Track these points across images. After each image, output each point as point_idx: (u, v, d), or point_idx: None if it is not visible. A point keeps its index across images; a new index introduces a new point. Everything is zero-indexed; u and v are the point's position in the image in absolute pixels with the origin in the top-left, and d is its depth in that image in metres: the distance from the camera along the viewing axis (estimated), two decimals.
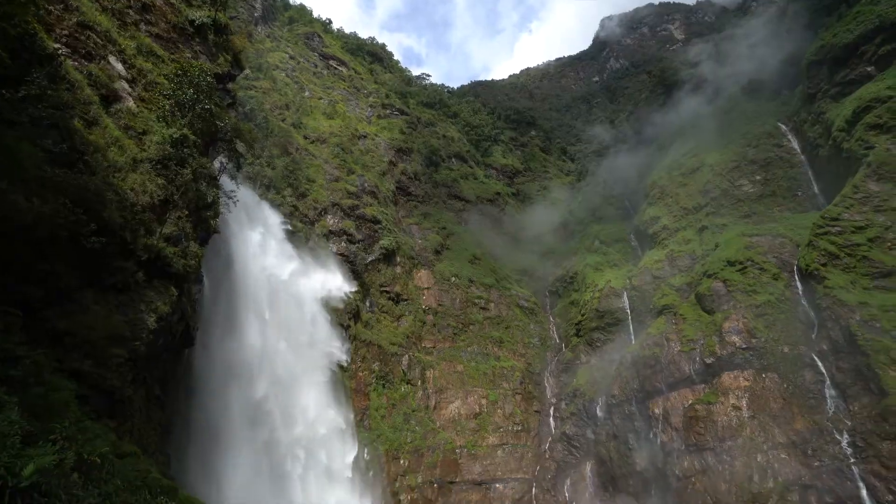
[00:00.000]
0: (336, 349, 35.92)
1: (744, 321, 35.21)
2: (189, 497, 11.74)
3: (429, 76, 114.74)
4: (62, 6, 14.96)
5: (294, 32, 78.26)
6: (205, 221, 20.05)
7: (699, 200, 50.09)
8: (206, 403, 21.86)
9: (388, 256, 50.11)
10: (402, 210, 62.66)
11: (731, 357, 34.09)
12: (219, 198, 21.25)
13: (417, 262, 54.08)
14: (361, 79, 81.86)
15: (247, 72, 46.99)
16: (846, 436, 28.24)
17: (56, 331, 12.24)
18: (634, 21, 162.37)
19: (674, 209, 52.21)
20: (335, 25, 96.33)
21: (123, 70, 16.89)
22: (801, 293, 35.48)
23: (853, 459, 27.26)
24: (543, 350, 53.66)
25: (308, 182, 46.44)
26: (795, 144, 47.11)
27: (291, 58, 69.99)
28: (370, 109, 75.01)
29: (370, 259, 47.81)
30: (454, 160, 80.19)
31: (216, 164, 22.19)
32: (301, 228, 40.70)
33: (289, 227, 37.12)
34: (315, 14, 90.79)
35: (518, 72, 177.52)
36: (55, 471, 6.82)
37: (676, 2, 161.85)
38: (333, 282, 39.82)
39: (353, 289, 41.94)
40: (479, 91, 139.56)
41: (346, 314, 40.10)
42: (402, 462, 37.60)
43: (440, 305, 51.55)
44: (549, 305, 60.90)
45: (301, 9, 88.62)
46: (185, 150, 17.54)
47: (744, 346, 34.07)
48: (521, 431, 44.28)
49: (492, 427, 43.57)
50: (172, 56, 19.46)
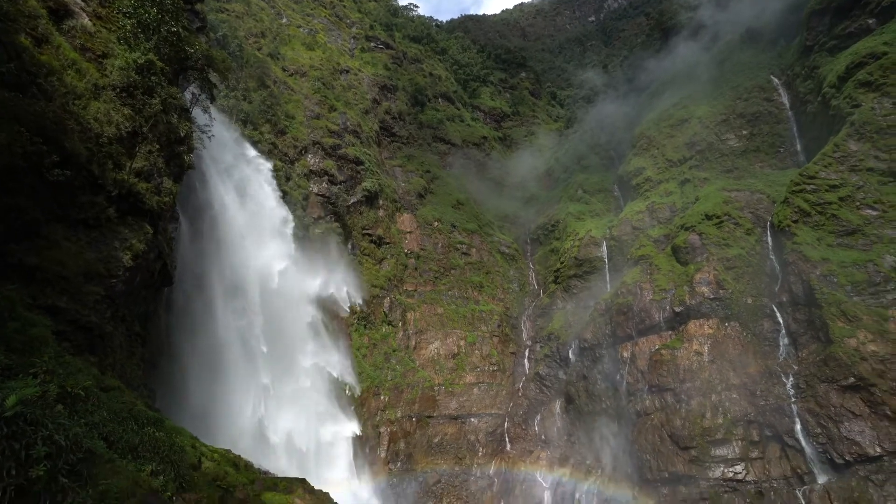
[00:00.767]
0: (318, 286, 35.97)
1: (714, 273, 36.64)
2: (176, 427, 12.13)
3: (416, 7, 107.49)
4: None
5: None
6: (178, 157, 19.14)
7: (684, 153, 50.10)
8: (189, 340, 22.06)
9: (371, 199, 49.39)
10: (386, 151, 60.99)
11: (699, 306, 35.81)
12: (192, 132, 20.16)
13: (400, 206, 53.56)
14: (344, 6, 76.11)
15: None
16: (791, 379, 30.63)
17: (25, 266, 11.90)
18: None
19: (659, 161, 52.21)
20: None
21: None
22: (771, 248, 36.83)
23: (793, 399, 29.78)
24: (522, 295, 55.24)
25: (287, 119, 44.33)
26: (785, 99, 46.72)
27: None
28: (353, 41, 70.47)
29: (352, 201, 47.08)
30: (441, 100, 77.28)
31: (187, 96, 20.80)
32: (281, 167, 39.38)
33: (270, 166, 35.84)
34: None
35: (512, 7, 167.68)
36: (39, 402, 6.90)
37: None
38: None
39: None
40: (470, 26, 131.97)
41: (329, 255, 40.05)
42: (383, 398, 39.47)
43: (422, 250, 51.85)
44: (530, 252, 61.90)
45: None
46: (153, 78, 16.32)
47: (711, 297, 35.71)
48: (497, 371, 46.56)
49: (469, 367, 45.62)
50: None
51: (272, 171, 35.43)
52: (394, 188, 54.43)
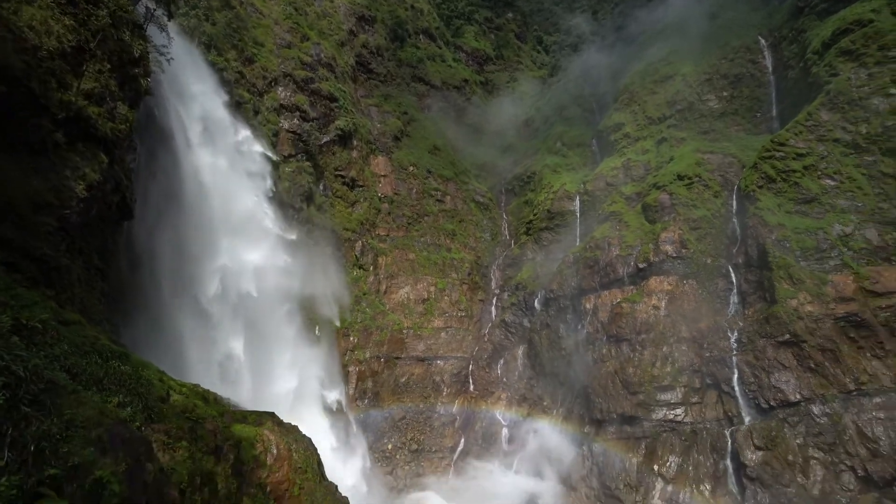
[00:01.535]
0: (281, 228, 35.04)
1: (679, 233, 38.01)
2: (143, 361, 12.08)
3: None
4: None
5: None
6: (133, 80, 17.58)
7: (665, 111, 49.98)
8: (151, 275, 21.47)
9: (345, 139, 47.49)
10: (362, 89, 57.94)
11: (662, 264, 37.40)
12: (147, 52, 18.42)
13: (375, 148, 51.88)
14: None
15: None
16: (735, 334, 33.09)
17: None
18: None
19: (639, 117, 52.02)
20: None
21: None
22: (735, 211, 38.26)
23: (735, 352, 32.37)
24: (493, 245, 55.99)
25: (256, 45, 40.97)
26: (769, 62, 46.59)
27: None
28: None
29: (325, 140, 45.13)
30: (422, 37, 72.95)
31: (140, 10, 18.77)
32: (249, 99, 36.95)
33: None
34: None
35: None
36: None
37: None
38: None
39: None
40: None
41: (299, 195, 38.90)
42: (352, 339, 40.32)
43: (396, 194, 51.07)
44: (504, 202, 62.06)
45: None
46: None
47: (674, 255, 37.27)
48: (465, 317, 48.04)
49: (438, 312, 46.81)
50: None
51: (239, 103, 33.23)
52: (369, 129, 52.36)
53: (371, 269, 45.12)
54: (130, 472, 7.01)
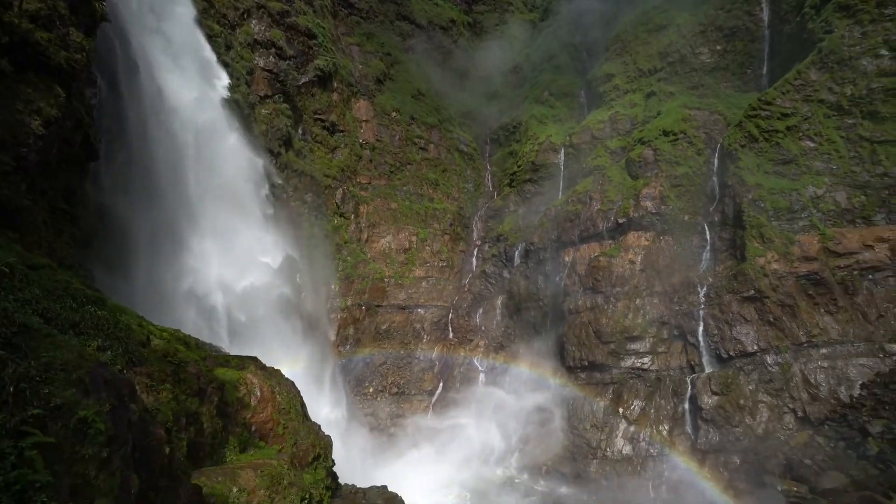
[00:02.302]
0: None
1: (660, 189, 38.42)
2: (120, 306, 11.91)
3: None
4: None
5: None
6: (86, 3, 15.98)
7: (656, 63, 48.77)
8: (121, 220, 20.69)
9: (324, 80, 45.06)
10: (343, 26, 54.34)
11: (641, 219, 38.05)
12: None
13: (357, 91, 49.58)
14: None
15: None
16: (704, 289, 34.59)
17: None
18: None
19: (630, 69, 50.71)
20: None
21: None
22: (716, 169, 38.67)
23: (703, 306, 34.00)
24: (476, 196, 55.70)
25: None
26: (766, 15, 45.28)
27: None
28: None
29: (303, 80, 42.72)
30: None
31: None
32: (219, 32, 34.23)
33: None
34: None
35: None
36: None
37: None
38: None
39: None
40: None
41: (277, 140, 37.33)
42: (334, 287, 40.50)
43: (378, 141, 49.56)
44: (489, 153, 61.10)
45: None
46: None
47: (653, 212, 37.88)
48: (446, 267, 48.59)
49: (419, 262, 47.16)
50: None
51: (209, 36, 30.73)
52: (350, 70, 49.71)
53: (352, 218, 44.57)
54: (115, 412, 7.07)
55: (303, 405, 16.40)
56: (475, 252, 51.31)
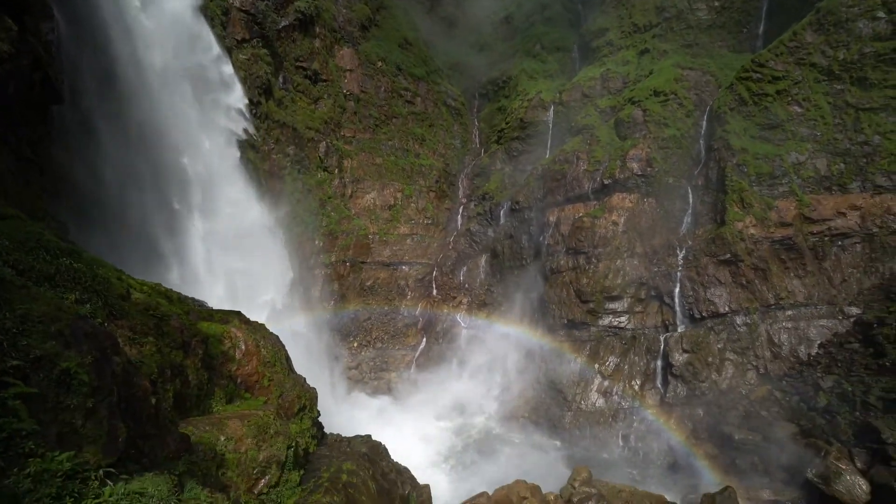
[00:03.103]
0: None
1: (647, 151, 38.33)
2: (97, 259, 11.61)
3: None
4: None
5: None
6: None
7: (652, 18, 47.18)
8: (94, 168, 19.76)
9: (306, 24, 42.46)
10: None
11: (626, 181, 38.16)
12: None
13: (340, 38, 47.01)
14: None
15: None
16: (683, 251, 35.46)
17: None
18: None
19: (625, 23, 49.03)
20: None
21: None
22: (703, 132, 38.60)
23: (680, 267, 34.98)
24: (463, 152, 54.79)
25: None
26: None
27: None
28: None
29: (283, 24, 40.16)
30: None
31: None
32: None
33: None
34: None
35: None
36: None
37: None
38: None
39: None
40: None
41: (256, 88, 35.54)
42: (317, 243, 40.14)
43: (363, 92, 47.67)
44: (477, 108, 59.56)
45: None
46: None
47: (639, 173, 37.96)
48: (431, 225, 48.45)
49: (404, 219, 46.85)
50: None
51: None
52: (333, 14, 46.82)
53: (336, 172, 43.54)
54: (98, 364, 7.06)
55: (288, 359, 16.64)
56: (460, 210, 51.12)
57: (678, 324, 34.14)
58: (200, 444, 10.30)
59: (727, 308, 32.61)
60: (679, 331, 33.72)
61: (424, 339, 44.15)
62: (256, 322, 16.50)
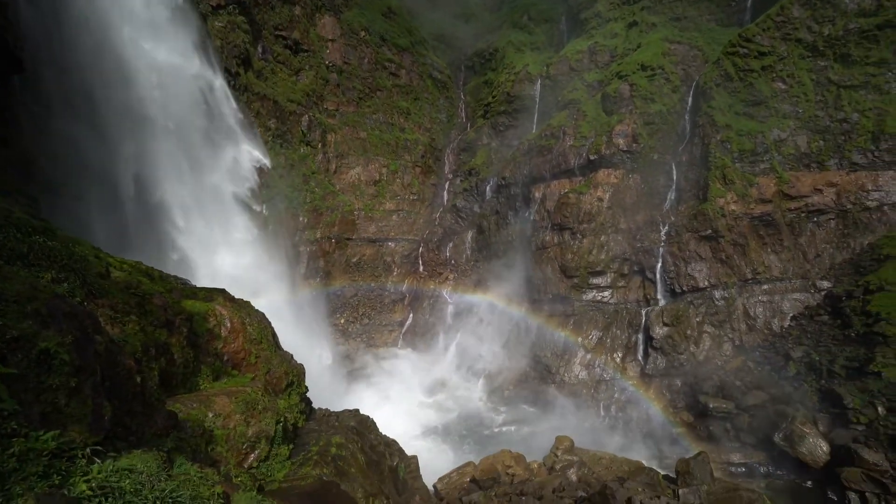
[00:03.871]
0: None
1: (633, 127, 38.30)
2: (72, 237, 11.25)
3: None
4: None
5: None
6: None
7: None
8: (62, 143, 18.89)
9: None
10: None
11: (612, 157, 38.24)
12: None
13: (321, 5, 45.17)
14: None
15: None
16: (666, 227, 36.02)
17: None
18: None
19: None
20: None
21: None
22: (689, 108, 38.64)
23: (663, 243, 35.60)
24: (449, 127, 54.02)
25: None
26: None
27: None
28: None
29: None
30: None
31: None
32: None
33: None
34: None
35: None
36: None
37: None
38: None
39: None
40: None
41: (234, 58, 34.11)
42: (302, 219, 39.55)
43: (346, 64, 46.23)
44: (463, 81, 58.44)
45: None
46: None
47: (625, 149, 38.03)
48: (417, 201, 48.09)
49: (389, 194, 46.36)
50: None
51: None
52: None
53: (319, 147, 42.57)
54: (78, 344, 6.92)
55: (274, 335, 16.61)
56: (446, 185, 50.76)
57: (659, 298, 34.98)
58: (188, 421, 10.31)
59: (707, 283, 33.47)
60: (660, 305, 34.58)
61: (411, 315, 44.46)
62: (241, 299, 16.34)
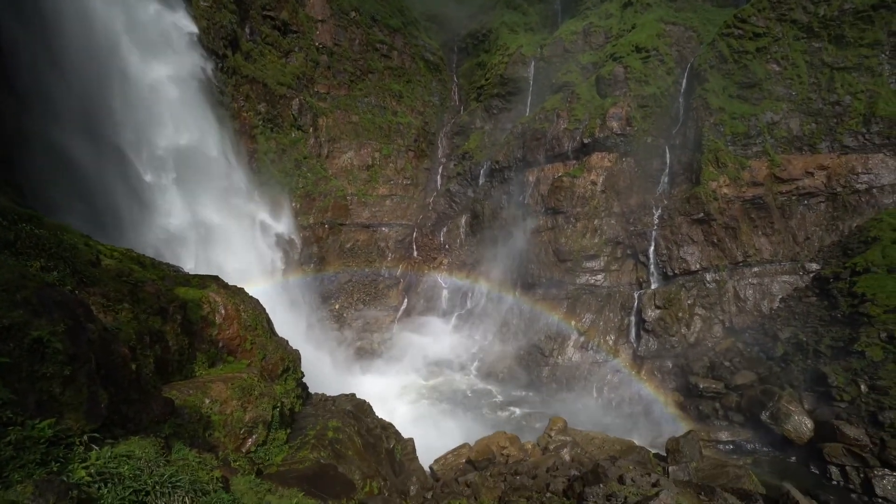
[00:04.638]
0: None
1: (627, 110, 38.09)
2: (60, 224, 11.08)
3: None
4: None
5: None
6: None
7: None
8: (50, 125, 18.43)
9: None
10: None
11: (605, 140, 38.09)
12: None
13: None
14: None
15: None
16: (659, 211, 36.16)
17: None
18: None
19: None
20: None
21: None
22: (683, 91, 38.44)
23: (655, 227, 35.80)
24: (442, 110, 53.42)
25: None
26: None
27: None
28: None
29: None
30: None
31: None
32: None
33: None
34: None
35: None
36: None
37: None
38: None
39: None
40: None
41: (221, 39, 33.27)
42: (295, 205, 39.21)
43: (336, 45, 45.29)
44: (456, 63, 57.60)
45: None
46: None
47: (618, 133, 37.89)
48: (410, 185, 47.79)
49: (382, 179, 46.01)
50: None
51: None
52: None
53: (311, 131, 41.97)
54: (71, 332, 6.89)
55: (269, 321, 16.62)
56: (440, 170, 50.43)
57: (652, 281, 35.32)
58: (185, 408, 10.36)
59: (698, 266, 33.80)
60: (652, 288, 34.94)
61: (406, 300, 44.60)
62: (235, 286, 16.28)
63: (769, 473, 22.38)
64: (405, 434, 19.68)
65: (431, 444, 22.14)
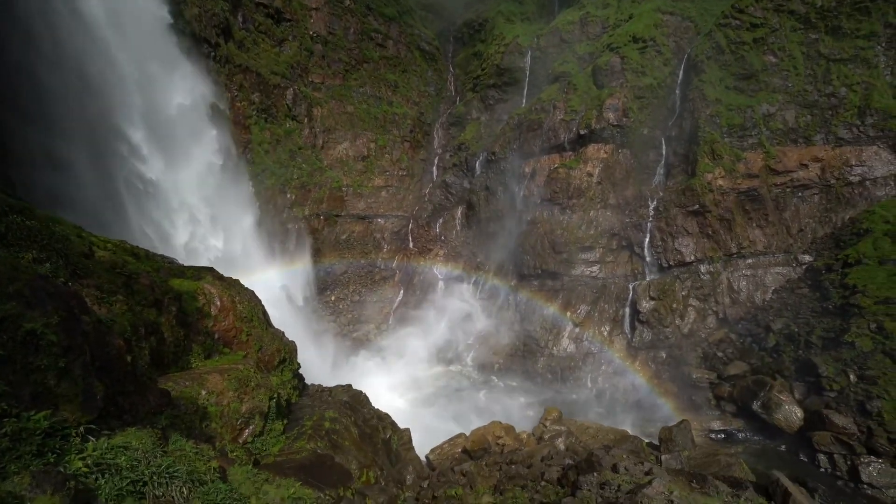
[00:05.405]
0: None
1: (623, 101, 37.97)
2: (52, 216, 10.95)
3: None
4: None
5: None
6: None
7: None
8: (41, 119, 18.14)
9: None
10: None
11: (602, 131, 38.01)
12: None
13: None
14: None
15: None
16: (654, 202, 36.26)
17: None
18: None
19: None
20: None
21: None
22: (679, 82, 38.34)
23: (651, 218, 35.92)
24: (438, 101, 53.01)
25: None
26: None
27: None
28: None
29: None
30: None
31: None
32: None
33: None
34: None
35: None
36: None
37: None
38: None
39: None
40: None
41: (213, 27, 32.74)
42: (289, 196, 38.96)
43: (331, 34, 44.70)
44: (452, 53, 57.04)
45: None
46: None
47: (615, 124, 37.80)
48: (406, 176, 47.57)
49: (378, 170, 45.75)
50: None
51: None
52: None
53: (305, 122, 41.56)
54: (65, 324, 6.85)
55: (265, 313, 16.60)
56: (436, 161, 50.19)
57: (646, 272, 35.52)
58: (182, 399, 10.37)
59: (693, 257, 34.01)
60: (647, 279, 35.15)
61: (402, 292, 44.64)
62: (230, 278, 16.23)
63: (759, 461, 22.77)
64: (401, 424, 19.83)
65: (428, 434, 22.34)
